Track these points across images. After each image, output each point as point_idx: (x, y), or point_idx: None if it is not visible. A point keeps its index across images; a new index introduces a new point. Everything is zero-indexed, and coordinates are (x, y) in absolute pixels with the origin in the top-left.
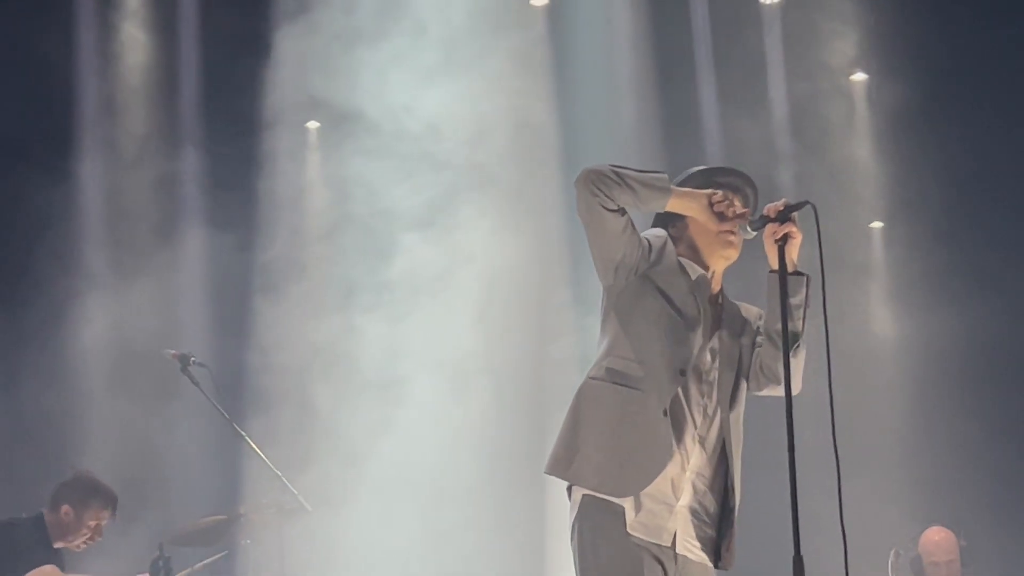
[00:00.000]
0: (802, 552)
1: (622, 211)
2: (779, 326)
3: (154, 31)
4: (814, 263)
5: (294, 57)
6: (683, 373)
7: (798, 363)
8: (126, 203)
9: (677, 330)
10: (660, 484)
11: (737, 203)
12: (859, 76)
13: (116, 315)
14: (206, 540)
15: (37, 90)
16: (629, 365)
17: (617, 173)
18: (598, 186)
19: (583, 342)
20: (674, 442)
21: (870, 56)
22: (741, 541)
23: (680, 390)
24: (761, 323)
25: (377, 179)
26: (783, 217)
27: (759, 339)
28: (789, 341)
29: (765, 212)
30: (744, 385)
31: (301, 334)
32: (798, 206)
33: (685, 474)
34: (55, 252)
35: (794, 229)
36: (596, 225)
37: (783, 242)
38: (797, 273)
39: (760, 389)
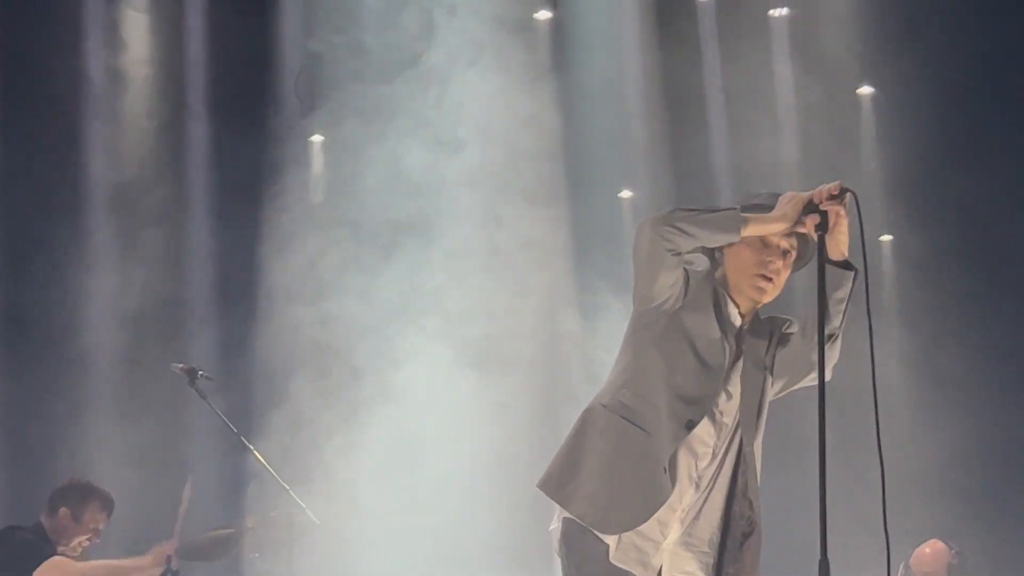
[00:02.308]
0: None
1: (680, 263)
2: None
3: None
4: (855, 255)
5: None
6: (690, 427)
7: (831, 355)
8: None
9: (695, 379)
10: (647, 522)
11: (784, 242)
12: (866, 89)
13: (122, 329)
14: (214, 553)
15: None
16: (641, 404)
17: (681, 228)
18: (663, 240)
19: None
20: (669, 491)
21: (877, 69)
22: (768, 547)
23: (684, 443)
24: (791, 329)
25: (384, 185)
26: (813, 208)
27: (792, 336)
28: (824, 335)
29: (810, 197)
30: (766, 410)
31: (306, 346)
32: (839, 197)
33: (675, 514)
34: (59, 269)
35: (836, 210)
36: (649, 275)
37: (822, 231)
38: (846, 266)
39: (789, 387)
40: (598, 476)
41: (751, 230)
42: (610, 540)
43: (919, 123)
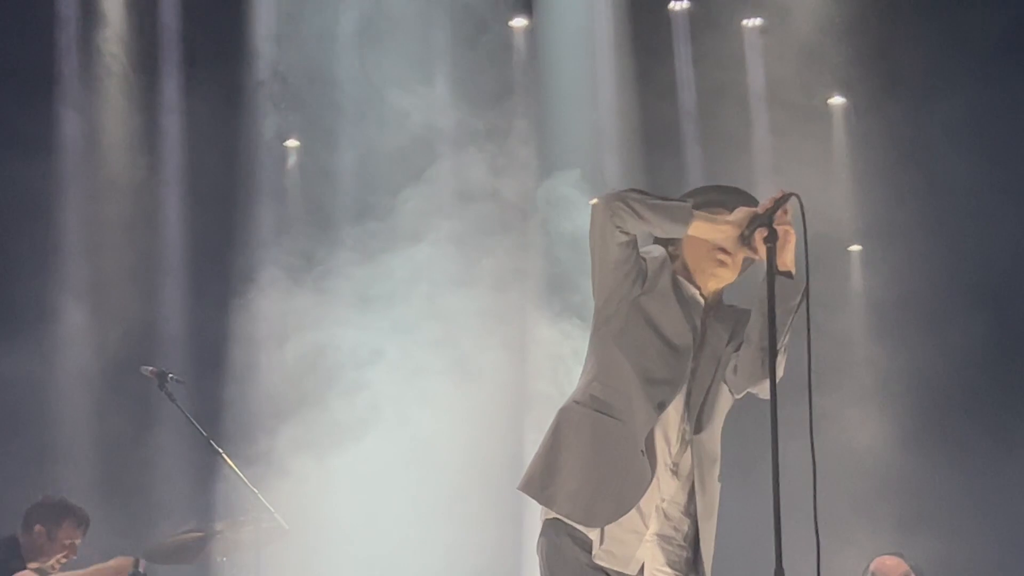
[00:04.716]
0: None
1: (632, 244)
2: (764, 329)
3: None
4: (799, 255)
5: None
6: (662, 407)
7: (778, 367)
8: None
9: (663, 361)
10: (629, 514)
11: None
12: (837, 100)
13: (95, 330)
14: (182, 556)
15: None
16: (611, 394)
17: (632, 207)
18: (614, 216)
19: (564, 364)
20: (651, 473)
21: (848, 79)
22: (725, 556)
23: (658, 424)
24: (748, 327)
25: (360, 194)
26: (767, 218)
27: (743, 344)
28: (775, 347)
29: (757, 211)
30: (720, 404)
31: (279, 349)
32: (783, 200)
33: (655, 503)
34: (35, 267)
35: (785, 228)
36: (602, 254)
37: (771, 242)
38: (789, 276)
39: (739, 392)
40: (578, 472)
41: (697, 227)
42: (594, 537)
43: (890, 134)
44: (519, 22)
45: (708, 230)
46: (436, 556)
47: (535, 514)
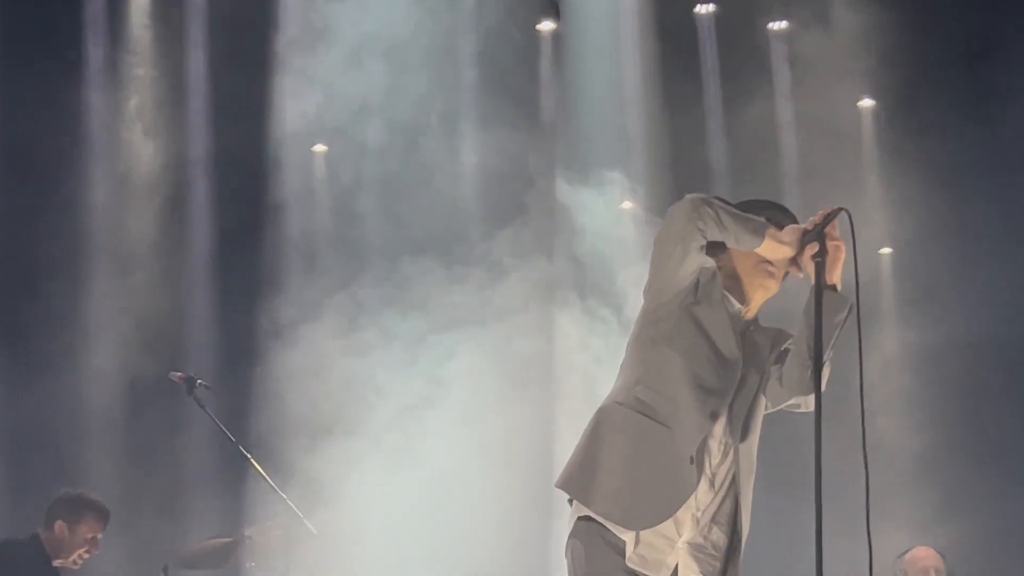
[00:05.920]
0: None
1: (704, 249)
2: (811, 343)
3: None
4: (848, 269)
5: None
6: (714, 417)
7: (822, 378)
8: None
9: (713, 370)
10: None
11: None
12: (867, 102)
13: (124, 338)
14: (211, 562)
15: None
16: (660, 399)
17: (717, 212)
18: (698, 222)
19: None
20: (695, 483)
21: (877, 82)
22: (758, 566)
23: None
24: (789, 342)
25: (385, 208)
26: (817, 234)
27: (787, 355)
28: (820, 362)
29: (806, 227)
30: (760, 415)
31: (315, 360)
32: (833, 216)
33: (689, 511)
34: (64, 274)
35: (836, 244)
36: (675, 254)
37: (821, 258)
38: (835, 290)
39: (777, 404)
40: (620, 473)
41: (766, 246)
42: (628, 539)
43: (919, 136)
44: (547, 26)
45: (771, 248)
46: (466, 562)
47: (564, 517)
